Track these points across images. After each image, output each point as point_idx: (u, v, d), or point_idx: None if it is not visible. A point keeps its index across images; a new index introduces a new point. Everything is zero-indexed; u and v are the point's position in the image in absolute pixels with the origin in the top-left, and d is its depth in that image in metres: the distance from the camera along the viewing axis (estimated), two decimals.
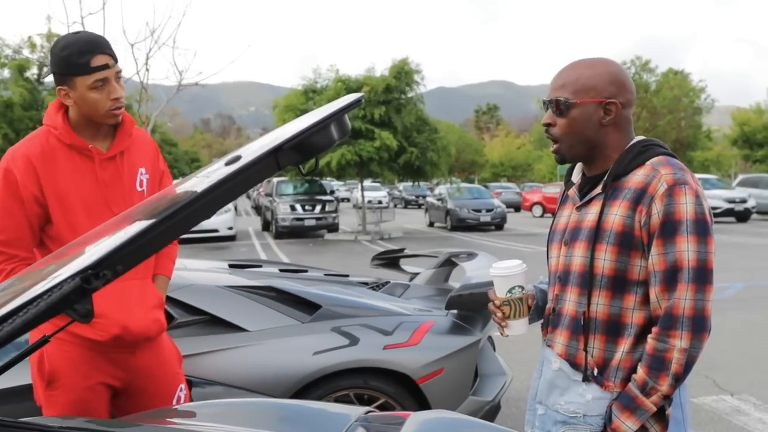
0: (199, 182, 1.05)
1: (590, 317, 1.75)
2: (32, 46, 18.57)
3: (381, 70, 20.72)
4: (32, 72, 18.80)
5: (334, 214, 21.12)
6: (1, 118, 17.97)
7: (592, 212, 1.76)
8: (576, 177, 1.91)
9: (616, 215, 1.70)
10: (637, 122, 22.06)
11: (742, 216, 23.74)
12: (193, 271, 3.86)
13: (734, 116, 38.69)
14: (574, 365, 1.78)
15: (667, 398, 1.66)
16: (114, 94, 2.26)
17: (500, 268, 1.86)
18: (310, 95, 20.65)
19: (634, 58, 22.52)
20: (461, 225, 22.30)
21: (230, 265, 4.53)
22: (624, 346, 1.72)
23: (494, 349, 4.25)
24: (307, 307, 3.60)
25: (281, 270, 4.69)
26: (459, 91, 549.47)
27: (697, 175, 22.59)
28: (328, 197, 21.79)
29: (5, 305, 0.97)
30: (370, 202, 31.97)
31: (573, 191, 1.89)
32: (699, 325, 1.62)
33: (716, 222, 18.29)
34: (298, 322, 3.49)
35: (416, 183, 24.58)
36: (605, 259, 1.71)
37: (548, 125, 1.82)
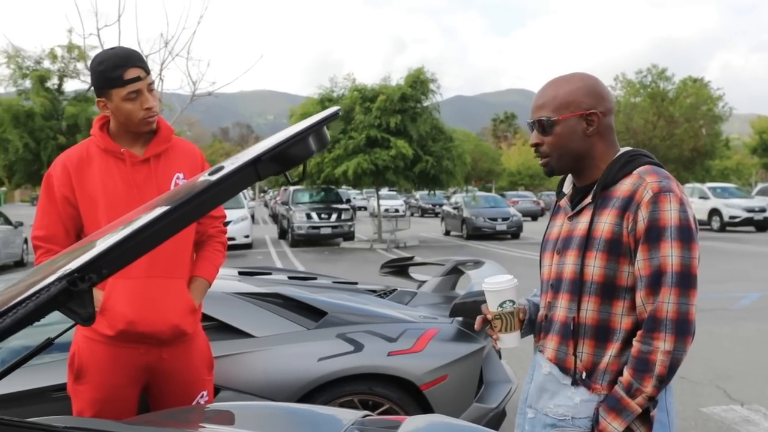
0: (185, 190, 1.11)
1: (580, 323, 1.80)
2: (53, 57, 18.79)
3: (397, 79, 20.84)
4: (53, 82, 19.02)
5: (349, 223, 21.20)
6: (22, 128, 18.21)
7: (582, 221, 1.82)
8: (567, 188, 1.97)
9: (606, 223, 1.75)
10: (653, 131, 21.82)
11: (762, 225, 23.50)
12: None
13: (754, 124, 38.33)
14: (564, 369, 1.83)
15: (652, 400, 1.70)
16: (146, 104, 2.41)
17: (491, 283, 1.91)
18: (326, 104, 20.75)
19: (650, 66, 22.32)
20: (477, 234, 22.28)
21: (240, 272, 4.60)
22: (612, 350, 1.77)
23: (500, 357, 4.27)
24: (313, 313, 3.64)
25: (290, 277, 4.75)
26: (476, 100, 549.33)
27: (716, 184, 22.32)
28: (344, 206, 21.87)
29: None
30: (387, 210, 32.04)
31: (564, 202, 1.94)
32: (682, 328, 1.66)
33: (735, 231, 18.16)
34: (304, 329, 3.53)
35: (432, 192, 24.63)
36: (594, 266, 1.76)
37: (536, 145, 1.89)
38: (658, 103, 21.63)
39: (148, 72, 2.43)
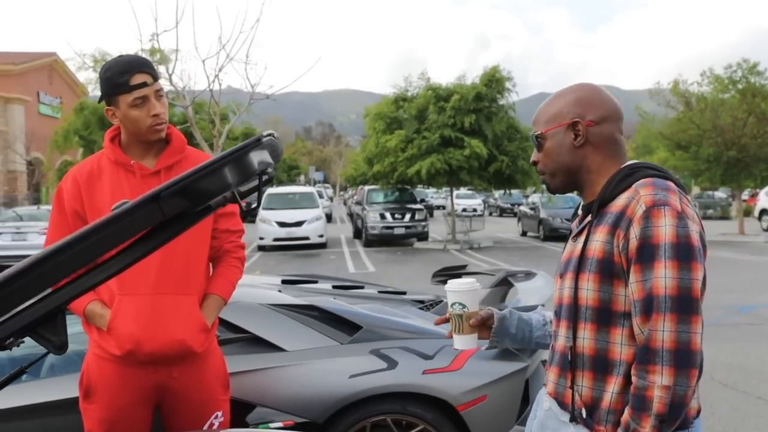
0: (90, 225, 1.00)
1: (577, 353, 1.64)
2: None
3: (472, 78, 20.51)
4: None
5: (423, 223, 21.06)
6: (107, 129, 18.96)
7: (581, 241, 1.67)
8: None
9: (598, 241, 1.60)
10: (743, 128, 20.69)
11: None
12: (241, 288, 3.85)
13: None
14: (562, 405, 1.68)
15: None
16: (153, 111, 2.35)
17: (451, 283, 1.94)
18: (401, 103, 20.64)
19: (740, 61, 21.14)
20: (554, 235, 21.71)
21: (283, 281, 4.52)
22: (613, 386, 1.59)
23: None
24: (348, 327, 3.52)
25: (335, 286, 4.64)
26: None
27: None
28: (417, 206, 21.75)
29: None
30: (464, 210, 31.72)
31: (575, 222, 1.82)
32: (683, 360, 1.46)
33: None
34: (338, 343, 3.41)
35: (508, 191, 24.15)
36: (588, 289, 1.61)
37: (535, 163, 1.80)
38: (749, 100, 20.47)
39: (156, 78, 2.38)
